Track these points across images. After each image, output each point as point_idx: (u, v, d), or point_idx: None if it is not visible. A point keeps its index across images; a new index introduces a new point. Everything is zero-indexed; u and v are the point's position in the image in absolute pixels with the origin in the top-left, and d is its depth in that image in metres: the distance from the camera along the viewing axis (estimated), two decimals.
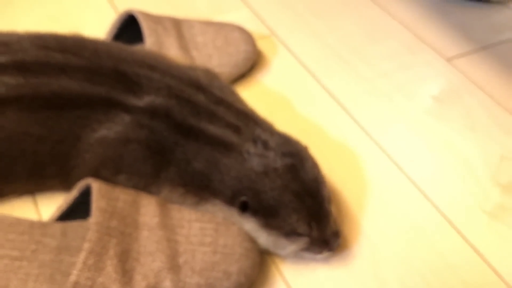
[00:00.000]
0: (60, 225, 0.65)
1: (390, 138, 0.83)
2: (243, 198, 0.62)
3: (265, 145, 0.65)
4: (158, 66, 0.70)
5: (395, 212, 0.73)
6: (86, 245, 0.56)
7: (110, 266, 0.56)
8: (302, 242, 0.63)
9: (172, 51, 0.83)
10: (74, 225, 0.65)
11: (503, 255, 0.69)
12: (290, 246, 0.64)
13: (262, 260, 0.65)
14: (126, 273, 0.57)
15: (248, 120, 0.67)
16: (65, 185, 0.69)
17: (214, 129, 0.65)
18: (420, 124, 0.85)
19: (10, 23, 0.97)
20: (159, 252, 0.59)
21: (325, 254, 0.65)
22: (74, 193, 0.67)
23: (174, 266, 0.59)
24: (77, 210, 0.67)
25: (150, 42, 0.83)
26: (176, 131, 0.64)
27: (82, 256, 0.56)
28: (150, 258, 0.58)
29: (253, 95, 0.86)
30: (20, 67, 0.66)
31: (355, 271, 0.67)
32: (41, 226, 0.64)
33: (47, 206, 0.70)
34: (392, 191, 0.75)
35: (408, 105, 0.88)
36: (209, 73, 0.75)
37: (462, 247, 0.70)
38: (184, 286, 0.58)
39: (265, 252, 0.66)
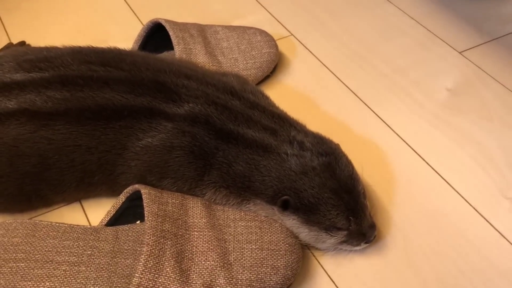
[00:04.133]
0: (111, 230, 0.69)
1: (412, 131, 0.87)
2: (285, 197, 0.65)
3: (301, 145, 0.68)
4: (194, 75, 0.73)
5: (423, 203, 0.77)
6: (145, 249, 0.60)
7: (168, 267, 0.60)
8: (341, 235, 0.67)
9: (200, 58, 0.86)
10: (124, 229, 0.69)
11: None
12: (329, 240, 0.68)
13: (304, 254, 0.69)
14: (183, 272, 0.60)
15: (283, 122, 0.71)
16: (112, 191, 0.72)
17: (252, 133, 0.69)
18: (438, 117, 0.89)
19: (37, 36, 1.00)
20: (210, 251, 0.63)
21: (363, 246, 0.69)
22: (121, 198, 0.70)
23: (226, 264, 0.62)
24: (124, 214, 0.71)
25: (179, 50, 0.86)
26: (217, 136, 0.68)
27: (142, 259, 0.59)
28: (203, 257, 0.62)
29: (277, 96, 0.89)
30: (64, 82, 0.69)
31: (390, 261, 0.71)
32: (93, 231, 0.68)
33: (94, 212, 0.74)
34: (419, 183, 0.79)
35: (426, 99, 0.92)
36: (240, 78, 0.79)
37: (488, 232, 0.74)
38: (236, 282, 0.62)
39: (305, 247, 0.70)
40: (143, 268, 0.59)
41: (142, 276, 0.59)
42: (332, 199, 0.66)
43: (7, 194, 0.69)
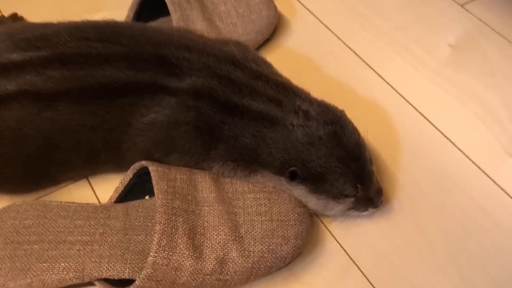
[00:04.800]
0: (121, 207, 0.69)
1: (415, 91, 0.86)
2: (292, 169, 0.66)
3: (307, 115, 0.68)
4: (194, 46, 0.72)
5: (428, 163, 0.78)
6: (158, 227, 0.61)
7: (182, 244, 0.61)
8: (349, 202, 0.68)
9: (198, 24, 0.85)
10: (134, 205, 0.70)
11: None
12: (338, 207, 0.68)
13: (313, 221, 0.70)
14: (196, 248, 0.61)
15: (287, 92, 0.70)
16: (119, 168, 0.72)
17: (257, 105, 0.68)
18: (440, 74, 0.88)
19: (28, 7, 0.97)
20: (222, 226, 0.64)
21: (370, 211, 0.70)
22: (129, 174, 0.71)
23: (237, 237, 0.63)
24: (133, 190, 0.71)
25: (176, 18, 0.84)
26: (222, 110, 0.67)
27: (156, 238, 0.60)
28: (215, 232, 0.63)
29: (278, 59, 0.88)
30: (63, 60, 0.68)
31: (398, 224, 0.72)
32: (104, 209, 0.69)
33: (102, 188, 0.74)
34: (423, 143, 0.80)
35: (427, 56, 0.91)
36: (241, 46, 0.78)
37: (493, 191, 0.75)
38: (249, 255, 0.63)
39: (314, 214, 0.71)
40: (157, 246, 0.60)
41: (156, 254, 0.60)
42: (339, 167, 0.66)
43: (15, 176, 0.69)
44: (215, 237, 0.63)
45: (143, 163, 0.69)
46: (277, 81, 0.72)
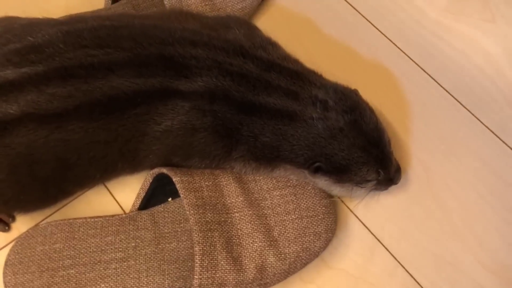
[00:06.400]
0: (147, 215, 0.69)
1: (417, 46, 0.84)
2: (317, 164, 0.66)
3: (325, 105, 0.67)
4: (199, 40, 0.67)
5: (439, 127, 0.78)
6: (197, 248, 0.61)
7: (222, 260, 0.62)
8: (371, 185, 0.69)
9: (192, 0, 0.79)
10: (159, 211, 0.69)
11: None
12: (360, 191, 0.70)
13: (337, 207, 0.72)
14: (235, 260, 0.63)
15: (302, 81, 0.68)
16: (137, 172, 0.71)
17: (273, 101, 0.66)
18: (441, 25, 0.86)
19: None
20: (255, 232, 0.65)
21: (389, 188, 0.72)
22: (148, 179, 0.70)
23: (272, 241, 0.65)
24: (154, 194, 0.71)
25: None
26: (239, 110, 0.65)
27: (197, 259, 0.61)
28: (250, 240, 0.64)
29: (275, 22, 0.85)
30: (64, 75, 0.63)
31: (415, 195, 0.74)
32: (130, 220, 0.68)
33: (121, 192, 0.73)
34: (432, 106, 0.80)
35: (426, 6, 0.88)
36: (243, 26, 0.73)
37: (503, 151, 0.77)
38: (285, 257, 0.64)
39: (336, 198, 0.73)
40: (200, 268, 0.61)
41: (201, 276, 0.61)
42: (362, 157, 0.66)
43: (32, 199, 0.67)
44: (251, 245, 0.64)
45: (164, 171, 0.68)
46: (289, 69, 0.69)
